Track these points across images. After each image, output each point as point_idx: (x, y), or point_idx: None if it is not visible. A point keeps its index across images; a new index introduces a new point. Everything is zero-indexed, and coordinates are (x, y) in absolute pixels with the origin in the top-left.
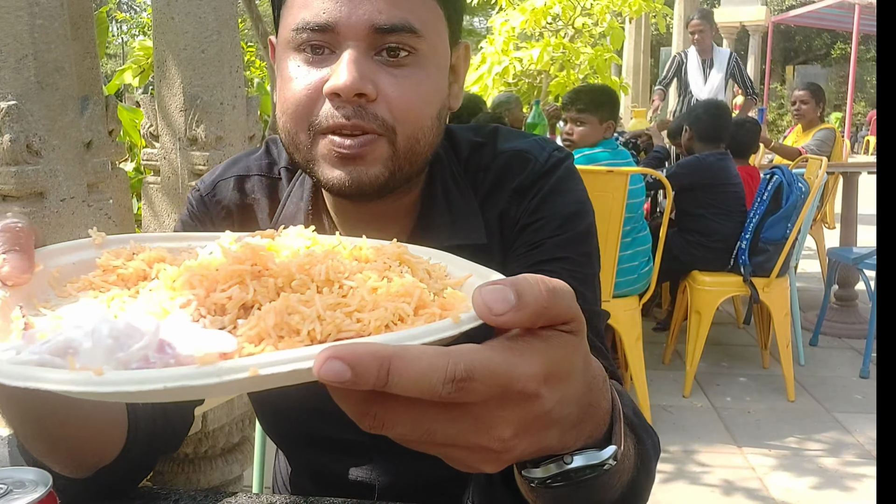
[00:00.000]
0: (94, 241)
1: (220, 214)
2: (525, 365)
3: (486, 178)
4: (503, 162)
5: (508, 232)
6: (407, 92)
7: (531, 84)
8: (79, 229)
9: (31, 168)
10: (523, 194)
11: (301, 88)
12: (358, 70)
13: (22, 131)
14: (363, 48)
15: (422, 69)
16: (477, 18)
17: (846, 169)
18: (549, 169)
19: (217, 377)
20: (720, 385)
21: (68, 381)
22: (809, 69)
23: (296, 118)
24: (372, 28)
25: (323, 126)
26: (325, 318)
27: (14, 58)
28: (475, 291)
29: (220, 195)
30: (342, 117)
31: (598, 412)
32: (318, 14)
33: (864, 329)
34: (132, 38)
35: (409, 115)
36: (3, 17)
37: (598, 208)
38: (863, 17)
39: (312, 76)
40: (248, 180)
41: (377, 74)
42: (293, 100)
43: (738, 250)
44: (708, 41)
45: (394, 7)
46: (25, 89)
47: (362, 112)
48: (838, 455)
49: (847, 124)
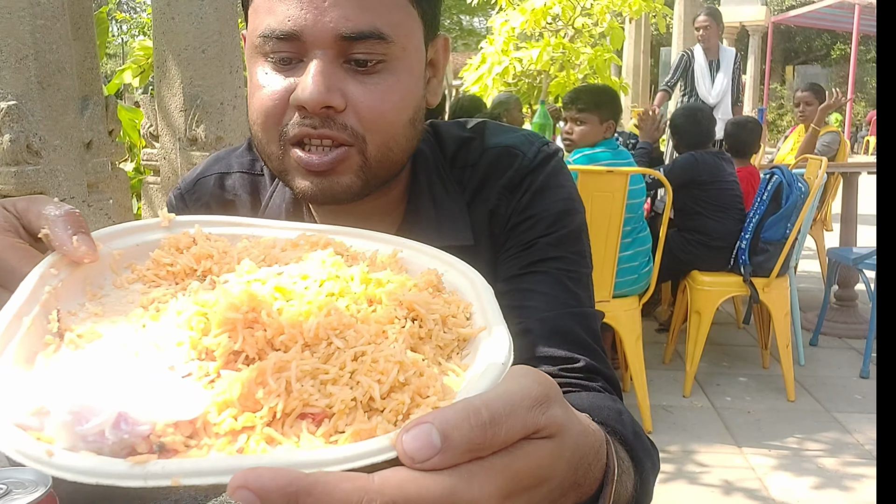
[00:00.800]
0: (160, 224)
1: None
2: (474, 489)
3: (473, 174)
4: (491, 158)
5: (499, 230)
6: (377, 100)
7: (531, 84)
8: None
9: (31, 168)
10: (513, 191)
11: (268, 98)
12: (324, 82)
13: (22, 131)
14: (330, 56)
15: (392, 75)
16: (477, 18)
17: (846, 169)
18: (538, 165)
19: (143, 481)
20: (720, 385)
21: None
22: (809, 69)
23: (265, 129)
24: (339, 36)
25: (290, 136)
26: (293, 390)
27: (15, 58)
28: (398, 436)
29: (201, 192)
30: (309, 127)
31: (584, 484)
32: (283, 22)
33: (864, 329)
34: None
35: (380, 124)
36: (4, 18)
37: (598, 208)
38: (863, 17)
39: (280, 85)
40: (229, 177)
41: (346, 83)
42: (262, 109)
43: (738, 250)
44: (714, 40)
45: (362, 13)
46: (26, 89)
47: (331, 122)
48: (838, 455)
49: (847, 124)
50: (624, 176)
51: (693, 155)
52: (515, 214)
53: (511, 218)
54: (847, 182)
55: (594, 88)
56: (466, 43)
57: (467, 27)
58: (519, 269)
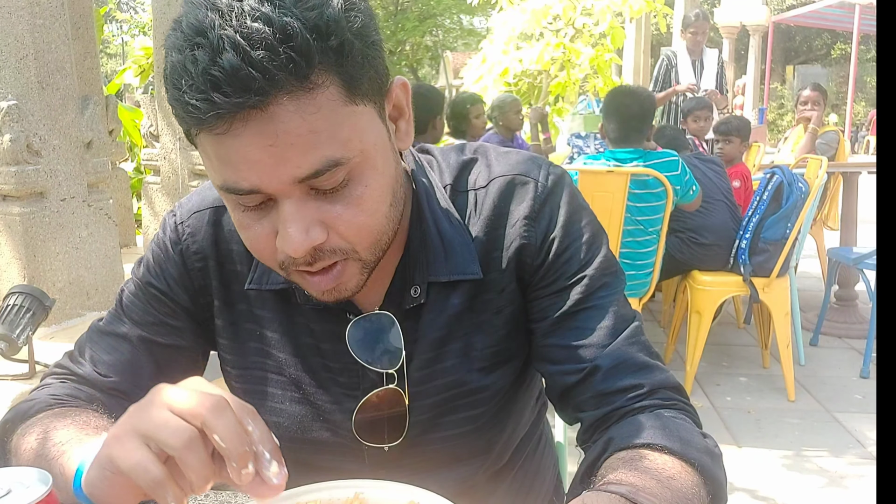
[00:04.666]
0: None
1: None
2: None
3: (484, 200)
4: (502, 186)
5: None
6: (354, 216)
7: (531, 84)
8: (79, 229)
9: (31, 168)
10: (536, 219)
11: (255, 238)
12: (303, 225)
13: (22, 131)
14: (298, 196)
15: (360, 182)
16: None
17: (846, 169)
18: (552, 188)
19: None
20: (720, 385)
21: None
22: (809, 69)
23: (261, 259)
24: (296, 181)
25: (290, 270)
26: None
27: (15, 58)
28: None
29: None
30: (305, 264)
31: None
32: (237, 183)
33: (864, 329)
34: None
35: (363, 232)
36: (4, 18)
37: (597, 208)
38: (863, 17)
39: (260, 226)
40: (225, 212)
41: (321, 211)
42: (252, 247)
43: (737, 250)
44: (703, 43)
45: (308, 153)
46: (26, 89)
47: (321, 253)
48: (838, 455)
49: (847, 124)
50: (624, 176)
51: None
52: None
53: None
54: (847, 182)
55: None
56: (466, 43)
57: (467, 27)
58: (572, 306)
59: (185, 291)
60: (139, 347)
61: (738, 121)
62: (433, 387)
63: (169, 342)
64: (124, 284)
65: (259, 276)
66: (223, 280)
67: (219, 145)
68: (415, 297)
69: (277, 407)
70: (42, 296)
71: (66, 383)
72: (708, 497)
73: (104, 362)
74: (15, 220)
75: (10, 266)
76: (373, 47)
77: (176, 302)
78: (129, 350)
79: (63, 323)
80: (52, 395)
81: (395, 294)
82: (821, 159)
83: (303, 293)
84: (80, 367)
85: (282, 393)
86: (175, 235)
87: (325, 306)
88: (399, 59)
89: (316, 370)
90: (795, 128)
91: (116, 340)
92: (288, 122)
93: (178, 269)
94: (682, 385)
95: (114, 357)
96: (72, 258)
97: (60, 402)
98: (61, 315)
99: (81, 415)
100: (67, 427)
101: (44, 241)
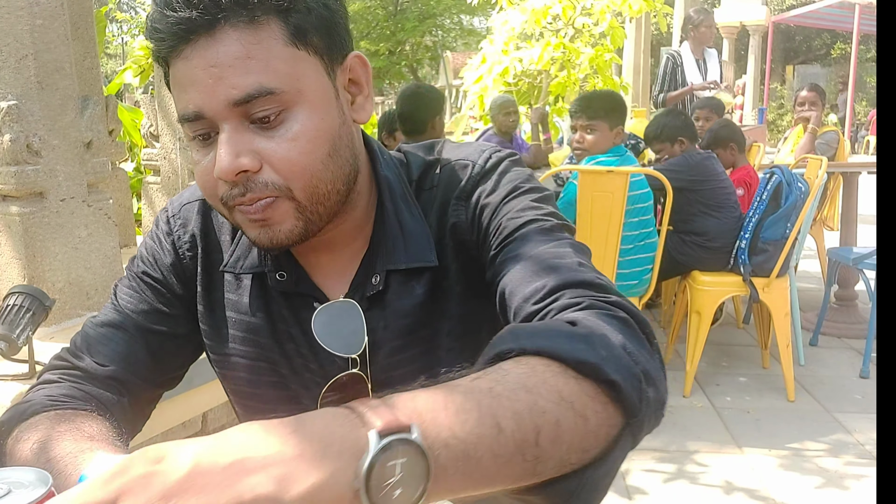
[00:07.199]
0: None
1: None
2: None
3: (435, 194)
4: (446, 175)
5: (467, 236)
6: (286, 150)
7: (531, 84)
8: (78, 229)
9: (31, 168)
10: (467, 198)
11: (202, 174)
12: (232, 150)
13: (22, 131)
14: (234, 124)
15: (295, 121)
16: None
17: (846, 169)
18: (488, 169)
19: None
20: (720, 385)
21: None
22: (809, 69)
23: (210, 199)
24: (231, 104)
25: (229, 204)
26: None
27: (14, 58)
28: None
29: (186, 218)
30: (238, 195)
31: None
32: (186, 107)
33: (864, 329)
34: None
35: (296, 170)
36: (3, 17)
37: (597, 208)
38: (863, 17)
39: (206, 161)
40: None
41: (256, 142)
42: (201, 185)
43: (737, 250)
44: (711, 38)
45: (245, 76)
46: (25, 89)
47: (253, 184)
48: (838, 455)
49: (847, 124)
50: (624, 176)
51: (684, 157)
52: (478, 218)
53: (474, 221)
54: (847, 182)
55: (602, 95)
56: (466, 43)
57: (467, 27)
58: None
59: (179, 280)
60: (135, 336)
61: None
62: (402, 372)
63: (163, 329)
64: (119, 280)
65: (235, 259)
66: (206, 267)
67: (175, 71)
68: (374, 285)
69: (255, 392)
70: (42, 296)
71: (64, 382)
72: (575, 378)
73: (101, 353)
74: (14, 220)
75: (10, 266)
76: (327, 9)
77: (170, 290)
78: (125, 339)
79: (63, 323)
80: (48, 395)
81: (359, 283)
82: (821, 159)
83: (274, 276)
84: (80, 359)
85: (257, 378)
86: (167, 227)
87: (294, 292)
88: (399, 59)
89: (290, 356)
90: (795, 128)
91: (112, 331)
92: (229, 46)
93: (171, 258)
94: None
95: (110, 347)
96: (71, 258)
97: (56, 404)
98: (61, 315)
99: (76, 420)
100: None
101: (43, 242)
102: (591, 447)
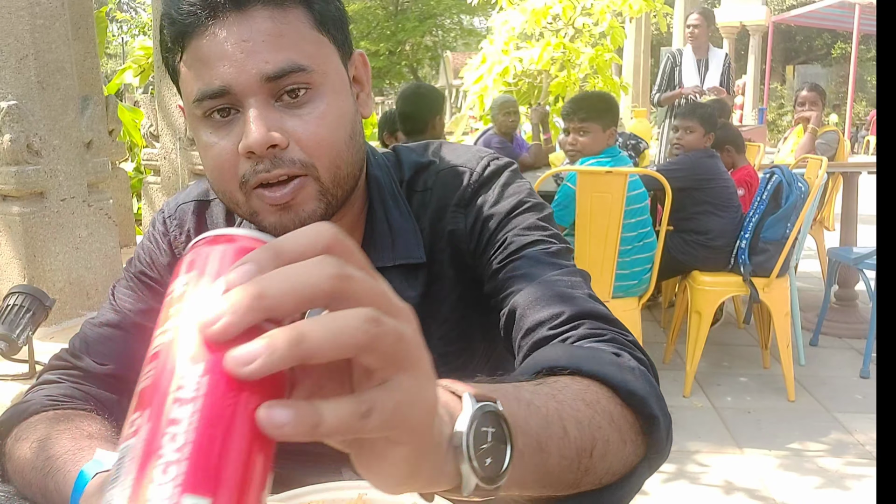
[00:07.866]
0: None
1: (180, 239)
2: None
3: (431, 197)
4: (443, 180)
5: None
6: (314, 128)
7: (531, 84)
8: (79, 229)
9: (31, 168)
10: (466, 206)
11: (219, 154)
12: (264, 124)
13: (22, 131)
14: (263, 100)
15: (322, 100)
16: (477, 18)
17: (846, 169)
18: (487, 178)
19: None
20: (720, 385)
21: None
22: (809, 69)
23: (225, 181)
24: (263, 79)
25: (252, 183)
26: None
27: (15, 58)
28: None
29: (182, 219)
30: (264, 171)
31: None
32: (210, 82)
33: (864, 329)
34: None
35: (323, 147)
36: (4, 18)
37: (597, 208)
38: (863, 17)
39: (226, 140)
40: (208, 206)
41: (283, 120)
42: (216, 167)
43: (737, 250)
44: (704, 39)
45: (278, 52)
46: (26, 89)
47: (280, 161)
48: (838, 455)
49: (847, 124)
50: (623, 176)
51: (688, 156)
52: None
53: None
54: (847, 182)
55: (594, 96)
56: (466, 43)
57: (467, 27)
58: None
59: None
60: (133, 334)
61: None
62: None
63: None
64: (116, 282)
65: None
66: None
67: (197, 50)
68: None
69: None
70: (42, 296)
71: (63, 382)
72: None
73: (99, 352)
74: (15, 220)
75: (10, 266)
76: (339, 9)
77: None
78: (123, 337)
79: (63, 323)
80: (47, 395)
81: None
82: (821, 159)
83: None
84: (79, 359)
85: None
86: (164, 228)
87: None
88: (399, 59)
89: None
90: (795, 128)
91: (110, 331)
92: (262, 23)
93: (167, 258)
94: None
95: (108, 347)
96: (72, 258)
97: (56, 404)
98: (61, 315)
99: (76, 419)
100: (62, 437)
101: (44, 241)
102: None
